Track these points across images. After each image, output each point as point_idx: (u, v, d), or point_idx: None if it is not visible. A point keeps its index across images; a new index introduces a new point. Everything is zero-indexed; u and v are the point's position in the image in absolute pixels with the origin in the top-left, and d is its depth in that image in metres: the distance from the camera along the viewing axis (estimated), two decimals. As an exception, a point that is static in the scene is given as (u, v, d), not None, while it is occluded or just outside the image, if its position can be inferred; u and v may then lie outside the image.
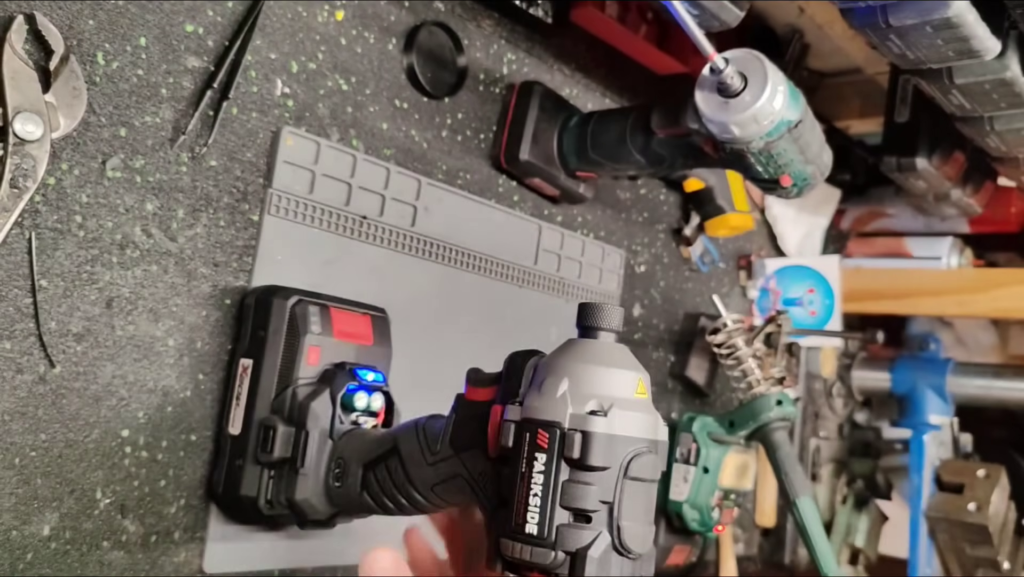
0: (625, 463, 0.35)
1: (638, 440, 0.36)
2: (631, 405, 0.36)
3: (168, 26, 0.50)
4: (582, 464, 0.35)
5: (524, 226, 0.72)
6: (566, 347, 0.38)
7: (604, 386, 0.36)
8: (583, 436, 0.35)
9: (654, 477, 0.36)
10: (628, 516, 0.35)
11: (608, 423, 0.35)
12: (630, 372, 0.37)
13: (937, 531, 0.98)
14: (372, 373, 0.52)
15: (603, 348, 0.38)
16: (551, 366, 0.37)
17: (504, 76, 0.70)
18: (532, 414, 0.36)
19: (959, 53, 0.60)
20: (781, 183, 0.59)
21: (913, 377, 1.05)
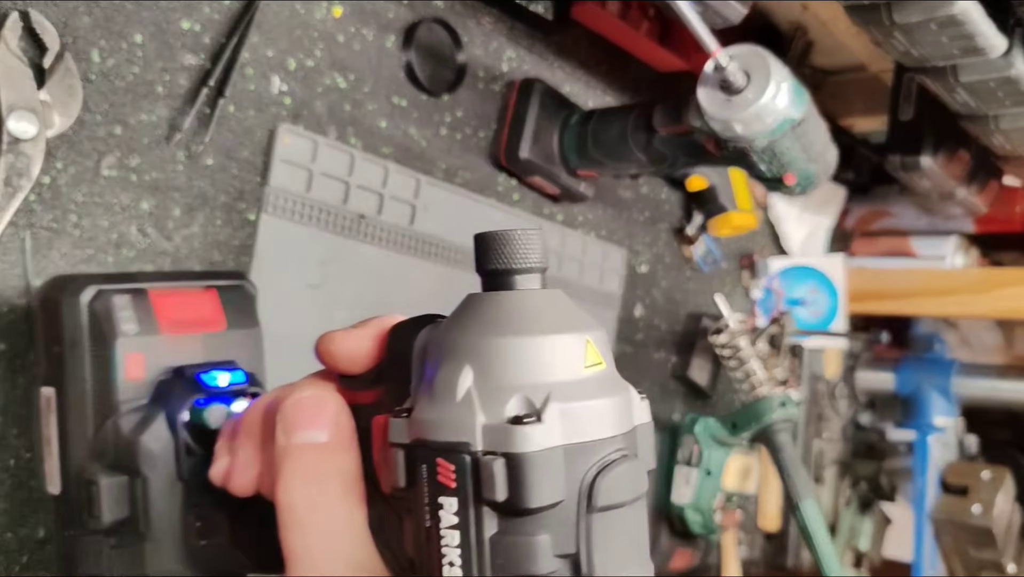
0: (586, 487, 0.22)
1: (603, 442, 0.23)
2: (581, 388, 0.23)
3: (164, 23, 0.49)
4: (515, 507, 0.22)
5: (524, 225, 0.71)
6: (464, 310, 0.25)
7: (532, 367, 0.23)
8: (508, 462, 0.22)
9: (637, 492, 0.24)
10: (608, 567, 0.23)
11: (546, 431, 0.22)
12: (570, 335, 0.24)
13: (941, 534, 0.97)
14: (227, 373, 0.38)
15: (522, 303, 0.24)
16: (445, 344, 0.24)
17: (504, 73, 0.69)
18: (425, 432, 0.23)
19: (964, 51, 0.59)
20: (785, 181, 0.58)
21: (918, 378, 1.04)
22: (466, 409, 0.23)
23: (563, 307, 0.25)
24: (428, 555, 0.23)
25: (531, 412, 0.22)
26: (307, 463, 0.26)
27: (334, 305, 0.58)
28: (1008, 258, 1.11)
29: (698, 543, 0.87)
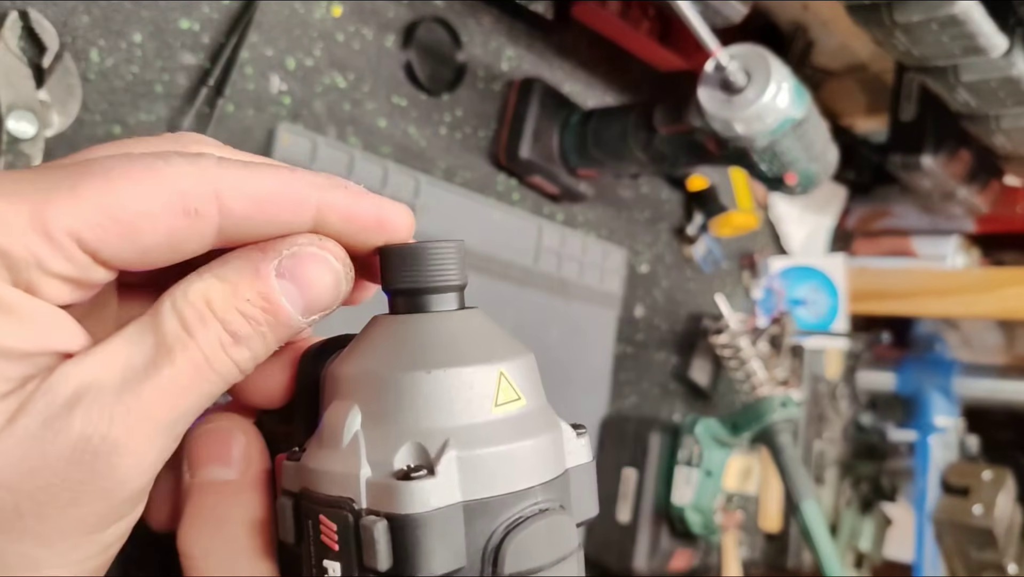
0: (491, 553, 0.19)
1: (515, 496, 0.19)
2: (489, 432, 0.20)
3: (163, 22, 0.49)
4: (375, 568, 0.18)
5: (524, 225, 0.71)
6: (364, 335, 0.22)
7: (428, 408, 0.19)
8: (391, 525, 0.18)
9: (561, 552, 0.20)
10: None
11: (440, 486, 0.18)
12: (478, 367, 0.20)
13: (942, 534, 0.97)
14: None
15: (425, 329, 0.21)
16: (337, 377, 0.21)
17: (504, 73, 0.69)
18: (312, 481, 0.20)
19: (965, 50, 0.59)
20: (786, 181, 0.58)
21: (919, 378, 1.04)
22: (351, 458, 0.19)
23: (477, 333, 0.21)
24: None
25: (423, 464, 0.19)
26: (209, 505, 0.22)
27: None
28: (1009, 258, 1.11)
29: (698, 544, 0.87)
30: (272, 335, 0.20)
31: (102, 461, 0.18)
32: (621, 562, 0.75)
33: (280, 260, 0.20)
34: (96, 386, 0.18)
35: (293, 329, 0.21)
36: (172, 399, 0.19)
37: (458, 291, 0.22)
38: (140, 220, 0.19)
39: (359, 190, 0.22)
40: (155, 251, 0.19)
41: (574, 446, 0.22)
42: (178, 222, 0.19)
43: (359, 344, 0.22)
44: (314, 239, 0.21)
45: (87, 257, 0.19)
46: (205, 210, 0.19)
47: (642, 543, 0.76)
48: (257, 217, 0.20)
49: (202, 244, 0.20)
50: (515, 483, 0.19)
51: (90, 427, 0.18)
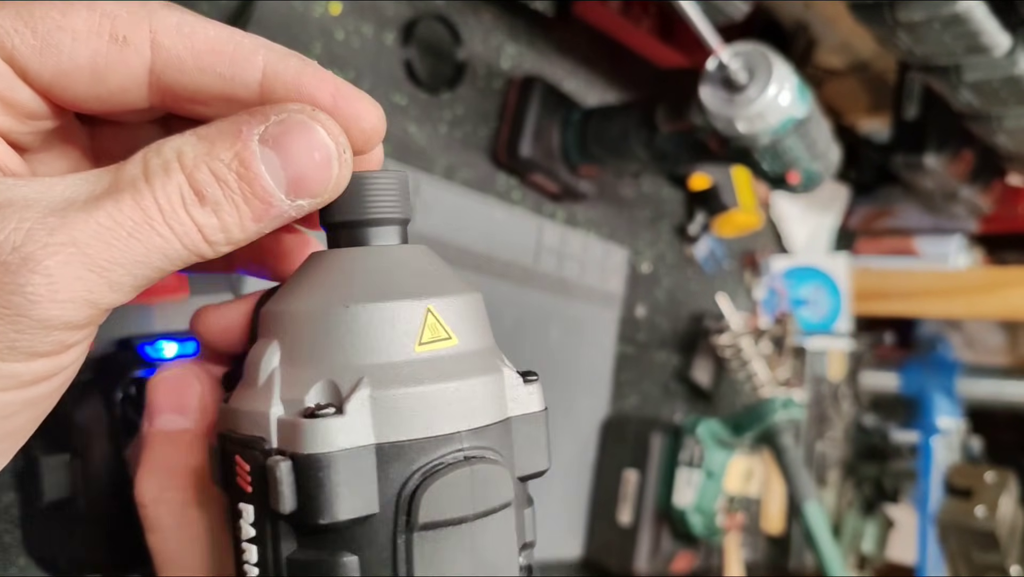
0: (405, 500, 0.18)
1: (434, 441, 0.18)
2: (411, 372, 0.18)
3: (160, 19, 0.49)
4: (306, 521, 0.17)
5: (524, 224, 0.71)
6: (298, 272, 0.21)
7: (343, 344, 0.18)
8: (295, 465, 0.17)
9: (486, 504, 0.19)
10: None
11: (348, 426, 0.17)
12: (401, 302, 0.19)
13: (945, 536, 0.97)
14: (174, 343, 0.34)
15: (355, 264, 0.20)
16: (263, 315, 0.20)
17: (504, 71, 0.69)
18: (232, 423, 0.20)
19: (968, 50, 0.58)
20: (788, 180, 0.58)
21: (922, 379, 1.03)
22: (264, 396, 0.18)
23: (413, 268, 0.20)
24: (236, 571, 0.19)
25: (333, 402, 0.18)
26: (164, 454, 0.22)
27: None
28: (1012, 257, 1.11)
29: (700, 546, 0.86)
30: (247, 208, 0.18)
31: (11, 276, 0.16)
32: (622, 564, 0.75)
33: (267, 126, 0.19)
34: (22, 203, 0.17)
35: (273, 208, 0.19)
36: (108, 237, 0.17)
37: (399, 224, 0.21)
38: (61, 33, 0.18)
39: (315, 65, 0.20)
40: (77, 73, 0.18)
41: (520, 393, 0.20)
42: (103, 46, 0.18)
43: (291, 282, 0.20)
44: (307, 108, 0.19)
45: (5, 65, 0.18)
46: (134, 39, 0.18)
47: (643, 545, 0.75)
48: (192, 63, 0.19)
49: (130, 79, 0.19)
50: (436, 427, 0.18)
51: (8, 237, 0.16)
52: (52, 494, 0.32)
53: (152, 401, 0.22)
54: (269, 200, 0.18)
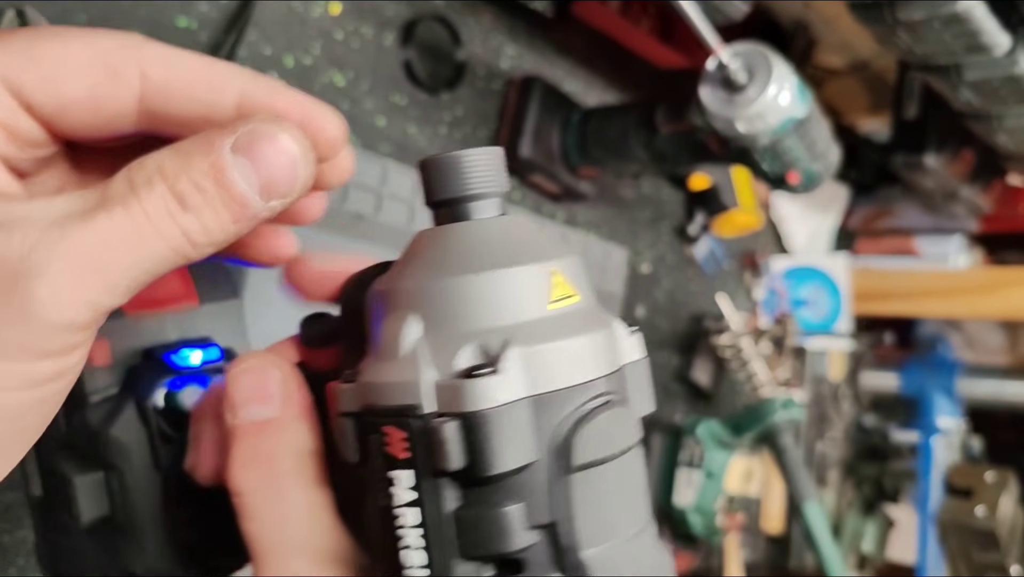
0: (561, 444, 0.19)
1: (579, 389, 0.19)
2: (548, 328, 0.20)
3: (160, 20, 0.49)
4: (476, 476, 0.19)
5: (522, 219, 0.71)
6: (411, 250, 0.22)
7: (485, 309, 0.20)
8: (463, 424, 0.19)
9: (626, 443, 0.20)
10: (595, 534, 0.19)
11: (506, 382, 0.19)
12: (530, 266, 0.20)
13: (945, 536, 0.97)
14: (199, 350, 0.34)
15: (473, 235, 0.21)
16: (389, 292, 0.21)
17: (504, 71, 0.69)
18: (373, 397, 0.20)
19: (968, 49, 0.58)
20: (788, 180, 0.58)
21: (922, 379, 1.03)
22: (412, 366, 0.19)
23: (524, 235, 0.21)
24: (385, 539, 0.20)
25: (487, 362, 0.19)
26: (255, 444, 0.23)
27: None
28: (1012, 257, 1.11)
29: (700, 546, 0.86)
30: (225, 210, 0.20)
31: (20, 284, 0.18)
32: (622, 564, 0.75)
33: (237, 137, 0.21)
34: (25, 219, 0.19)
35: (249, 208, 0.21)
36: (104, 246, 0.19)
37: (500, 197, 0.22)
38: (62, 68, 0.20)
39: (284, 86, 0.23)
40: (76, 106, 0.21)
41: (628, 343, 0.22)
42: (99, 78, 0.20)
43: (406, 259, 0.22)
44: (272, 118, 0.21)
45: (12, 99, 0.20)
46: (126, 72, 0.21)
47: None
48: (177, 92, 0.21)
49: (122, 108, 0.21)
50: (578, 376, 0.20)
51: (9, 249, 0.18)
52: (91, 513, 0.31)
53: (234, 394, 0.24)
54: (245, 203, 0.21)
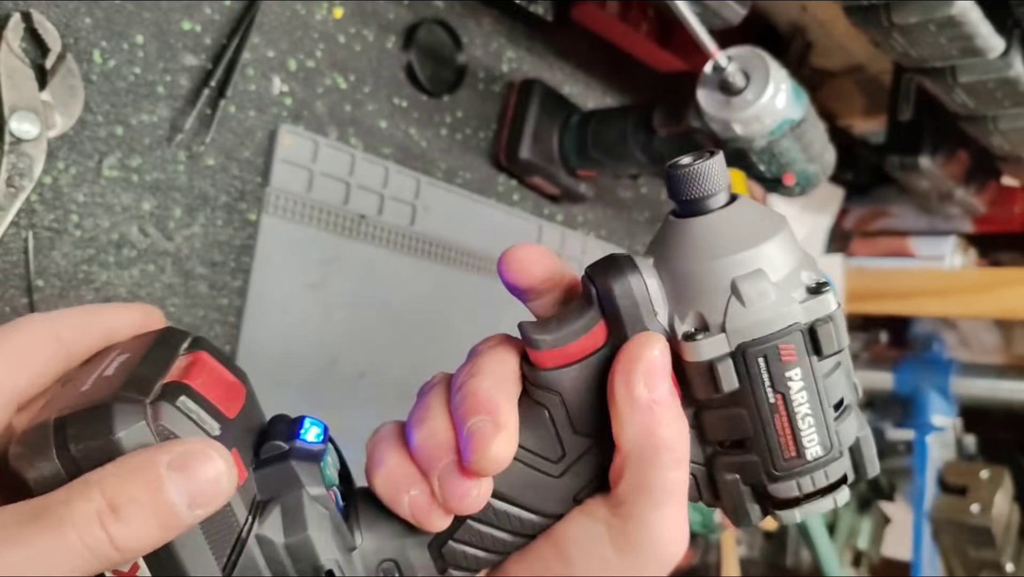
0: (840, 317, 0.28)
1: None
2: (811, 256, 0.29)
3: (165, 24, 0.49)
4: (833, 352, 0.28)
5: (524, 225, 0.72)
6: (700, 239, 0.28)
7: (796, 252, 0.28)
8: (831, 321, 0.27)
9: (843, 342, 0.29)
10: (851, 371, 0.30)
11: (832, 290, 0.28)
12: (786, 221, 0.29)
13: (940, 533, 0.97)
14: (306, 425, 0.31)
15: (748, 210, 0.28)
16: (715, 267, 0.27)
17: (504, 74, 0.69)
18: (752, 334, 0.27)
19: (963, 51, 0.59)
20: (784, 182, 0.58)
21: (916, 378, 1.04)
22: (784, 301, 0.27)
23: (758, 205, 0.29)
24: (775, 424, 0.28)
25: (821, 282, 0.27)
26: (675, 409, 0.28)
27: (334, 305, 0.58)
28: (1007, 258, 1.11)
29: (698, 542, 0.87)
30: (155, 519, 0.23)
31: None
32: (620, 561, 0.76)
33: (172, 457, 0.24)
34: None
35: (179, 518, 0.24)
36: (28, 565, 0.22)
37: (727, 190, 0.28)
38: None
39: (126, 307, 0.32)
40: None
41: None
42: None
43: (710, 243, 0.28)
44: (204, 441, 0.25)
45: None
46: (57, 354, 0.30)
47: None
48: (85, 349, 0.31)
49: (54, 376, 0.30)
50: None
51: None
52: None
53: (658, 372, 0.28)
54: (175, 511, 0.24)
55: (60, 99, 0.45)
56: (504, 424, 0.27)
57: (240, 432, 0.28)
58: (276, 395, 0.55)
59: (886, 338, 1.08)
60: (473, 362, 0.30)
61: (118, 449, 0.24)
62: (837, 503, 0.29)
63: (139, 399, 0.25)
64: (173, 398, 0.26)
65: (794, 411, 0.27)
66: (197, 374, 0.28)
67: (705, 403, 0.28)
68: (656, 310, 0.28)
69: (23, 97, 0.44)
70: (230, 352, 0.53)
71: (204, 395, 0.27)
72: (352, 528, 0.29)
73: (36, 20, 0.44)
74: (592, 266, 0.29)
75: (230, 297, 0.53)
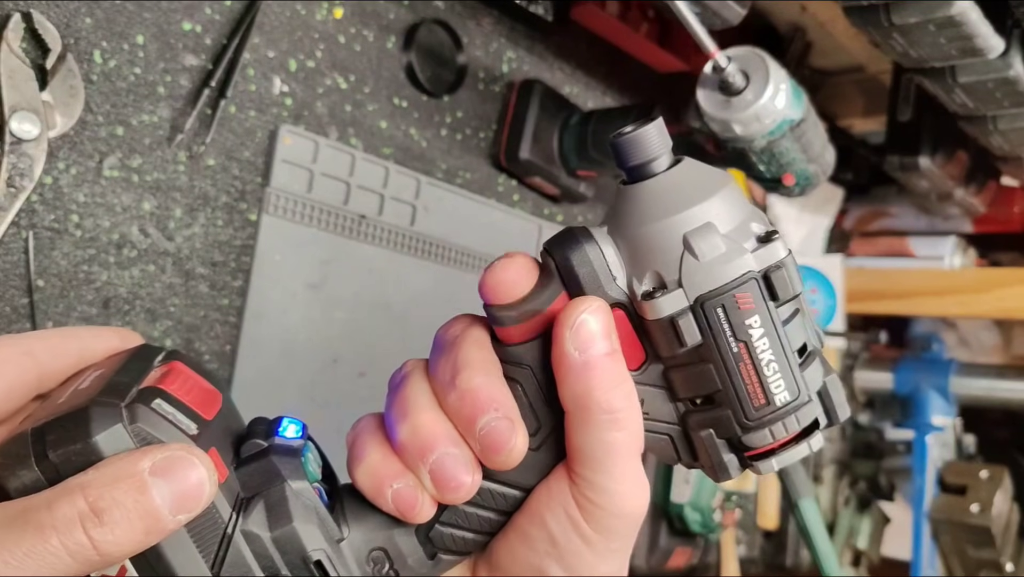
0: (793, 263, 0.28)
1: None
2: (759, 210, 0.29)
3: (165, 24, 0.50)
4: (788, 297, 0.28)
5: (524, 225, 0.72)
6: (649, 201, 0.28)
7: (743, 204, 0.28)
8: (780, 267, 0.27)
9: (797, 288, 0.30)
10: (812, 318, 0.30)
11: (782, 237, 0.28)
12: (731, 176, 0.29)
13: (940, 533, 0.97)
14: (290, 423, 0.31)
15: (693, 169, 0.29)
16: (665, 226, 0.28)
17: (504, 74, 0.69)
18: (708, 285, 0.27)
19: (962, 52, 0.59)
20: (784, 182, 0.58)
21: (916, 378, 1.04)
22: (736, 251, 0.27)
23: (702, 165, 0.29)
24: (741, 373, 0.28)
25: (770, 231, 0.28)
26: (614, 369, 0.28)
27: (334, 305, 0.58)
28: (1007, 258, 1.11)
29: (697, 542, 0.87)
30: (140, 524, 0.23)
31: None
32: (620, 561, 0.76)
33: (155, 462, 0.24)
34: None
35: (163, 523, 0.24)
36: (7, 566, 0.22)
37: (668, 153, 0.29)
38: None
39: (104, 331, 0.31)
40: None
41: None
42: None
43: (656, 204, 0.28)
44: (186, 447, 0.25)
45: None
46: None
47: (641, 541, 0.76)
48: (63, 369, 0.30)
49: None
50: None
51: None
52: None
53: (591, 331, 0.28)
54: (158, 515, 0.24)
55: (60, 99, 0.45)
56: (516, 418, 0.28)
57: (219, 433, 0.29)
58: (276, 395, 0.55)
59: (885, 338, 1.08)
60: (453, 353, 0.29)
61: (97, 453, 0.24)
62: (812, 448, 0.29)
63: (115, 403, 0.26)
64: (148, 400, 0.26)
65: (758, 358, 0.28)
66: (172, 381, 0.28)
67: (671, 361, 0.29)
68: (614, 275, 0.28)
69: (23, 97, 0.44)
70: (230, 352, 0.53)
71: (179, 398, 0.28)
72: (338, 521, 0.30)
73: (36, 20, 0.44)
74: (550, 240, 0.30)
75: (230, 297, 0.53)
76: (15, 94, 0.43)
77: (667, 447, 0.30)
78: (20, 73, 0.44)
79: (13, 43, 0.43)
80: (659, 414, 0.30)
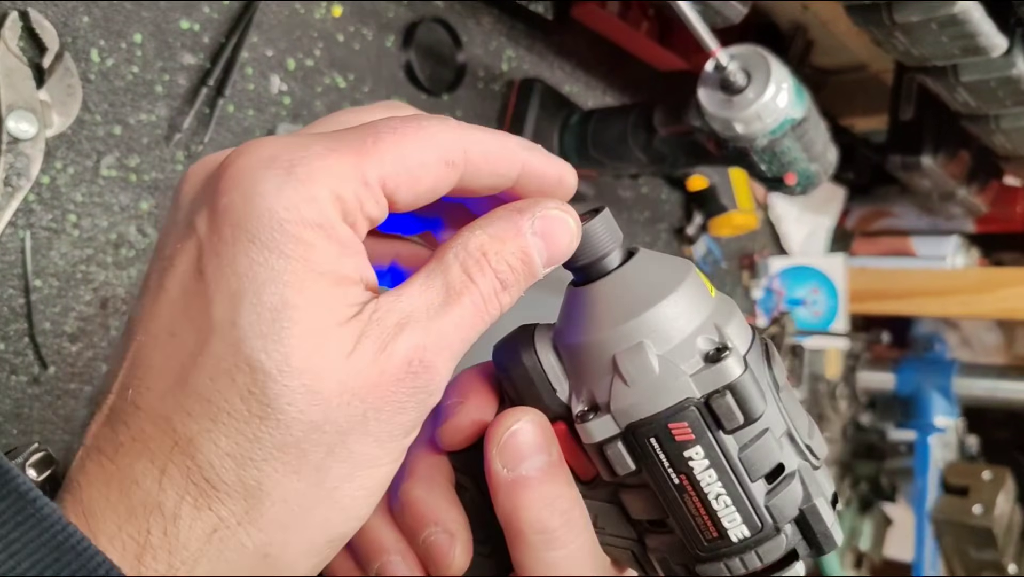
0: (772, 380, 0.25)
1: (753, 340, 0.26)
2: (723, 308, 0.26)
3: (163, 23, 0.49)
4: (747, 421, 0.24)
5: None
6: (588, 306, 0.26)
7: (691, 313, 0.25)
8: (730, 391, 0.24)
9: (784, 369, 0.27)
10: (804, 429, 0.26)
11: (737, 353, 0.25)
12: (691, 275, 0.26)
13: (942, 534, 0.97)
14: None
15: (637, 273, 0.26)
16: (598, 341, 0.26)
17: (504, 73, 0.69)
18: (637, 414, 0.25)
19: (965, 50, 0.59)
20: (785, 181, 0.58)
21: (918, 378, 1.04)
22: (671, 374, 0.25)
23: (660, 259, 0.27)
24: (687, 505, 0.25)
25: (721, 345, 0.25)
26: (549, 488, 0.26)
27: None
28: (1009, 258, 1.11)
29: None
30: (524, 283, 0.25)
31: (420, 379, 0.22)
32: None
33: (534, 221, 0.24)
34: (412, 319, 0.22)
35: (536, 279, 0.25)
36: (461, 332, 0.23)
37: (620, 248, 0.27)
38: (421, 170, 0.23)
39: (545, 152, 0.27)
40: (424, 196, 0.24)
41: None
42: (442, 171, 0.24)
43: (590, 313, 0.26)
44: (559, 203, 0.25)
45: (386, 201, 0.23)
46: (458, 161, 0.24)
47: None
48: (484, 169, 0.25)
49: (446, 189, 0.24)
50: (749, 329, 0.26)
51: (412, 352, 0.22)
52: None
53: (519, 449, 0.26)
54: (537, 274, 0.25)
55: (58, 98, 0.45)
56: (458, 531, 0.27)
57: None
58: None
59: (888, 338, 1.08)
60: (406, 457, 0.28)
61: None
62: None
63: None
64: None
65: (703, 491, 0.25)
66: None
67: (618, 482, 0.26)
68: (555, 387, 0.27)
69: (20, 96, 0.43)
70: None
71: None
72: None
73: (34, 19, 0.44)
74: (496, 345, 0.28)
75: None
76: (12, 93, 0.43)
77: (631, 560, 0.28)
78: (17, 72, 0.43)
79: (10, 42, 0.43)
80: (616, 530, 0.27)
